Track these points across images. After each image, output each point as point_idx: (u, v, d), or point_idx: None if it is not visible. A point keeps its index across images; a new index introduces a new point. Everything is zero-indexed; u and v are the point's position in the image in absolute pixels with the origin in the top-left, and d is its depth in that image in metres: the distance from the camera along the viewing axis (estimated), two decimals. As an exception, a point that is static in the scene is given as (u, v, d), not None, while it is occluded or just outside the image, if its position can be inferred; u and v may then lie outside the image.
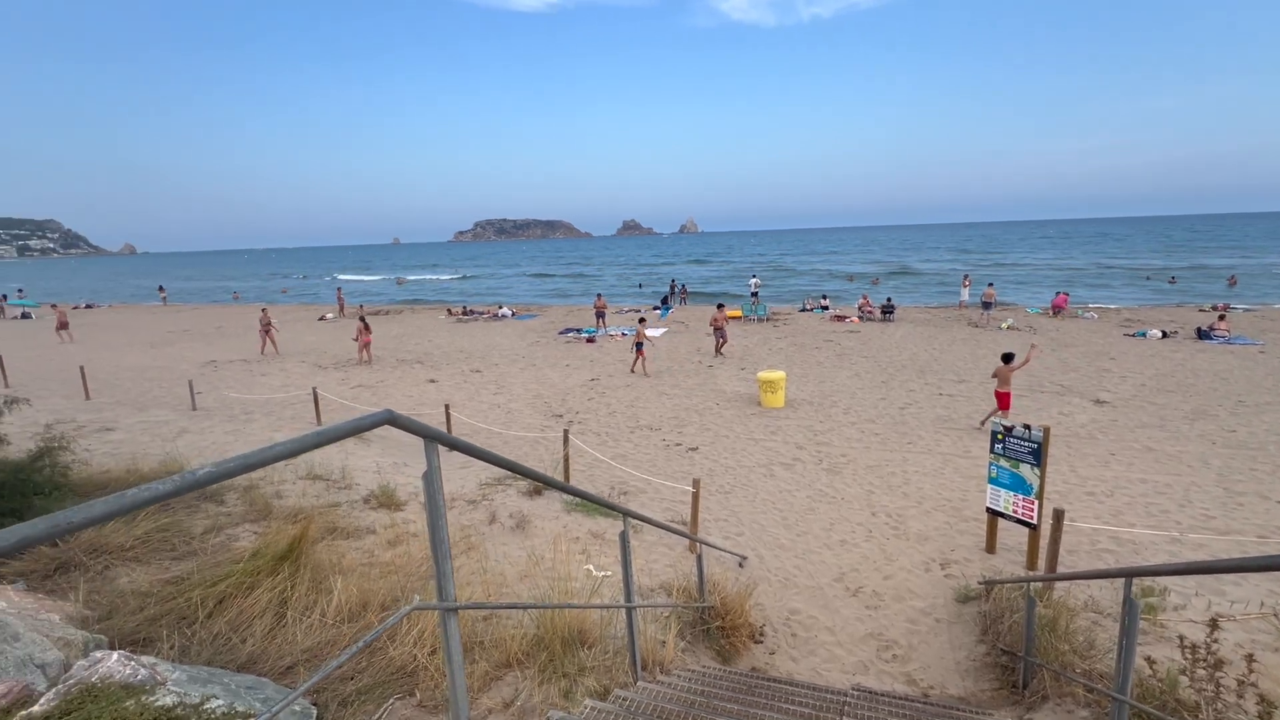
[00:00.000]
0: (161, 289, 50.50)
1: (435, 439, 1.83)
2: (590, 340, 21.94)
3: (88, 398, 14.75)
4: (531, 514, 6.79)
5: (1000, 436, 6.51)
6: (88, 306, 43.25)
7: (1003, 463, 6.51)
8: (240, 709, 2.38)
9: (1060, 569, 5.93)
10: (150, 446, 10.26)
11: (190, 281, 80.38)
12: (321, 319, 31.14)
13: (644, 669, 3.84)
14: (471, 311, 31.61)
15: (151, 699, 2.25)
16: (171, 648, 3.57)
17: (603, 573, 5.60)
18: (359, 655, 3.71)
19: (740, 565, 6.67)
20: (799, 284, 47.61)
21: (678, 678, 3.90)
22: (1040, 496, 6.19)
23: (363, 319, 20.02)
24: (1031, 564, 6.37)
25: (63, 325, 25.87)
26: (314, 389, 12.80)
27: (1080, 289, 36.13)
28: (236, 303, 46.95)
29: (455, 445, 1.94)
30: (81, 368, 16.32)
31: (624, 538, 3.46)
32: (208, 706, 2.26)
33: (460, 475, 8.83)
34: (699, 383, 15.22)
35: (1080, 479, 8.74)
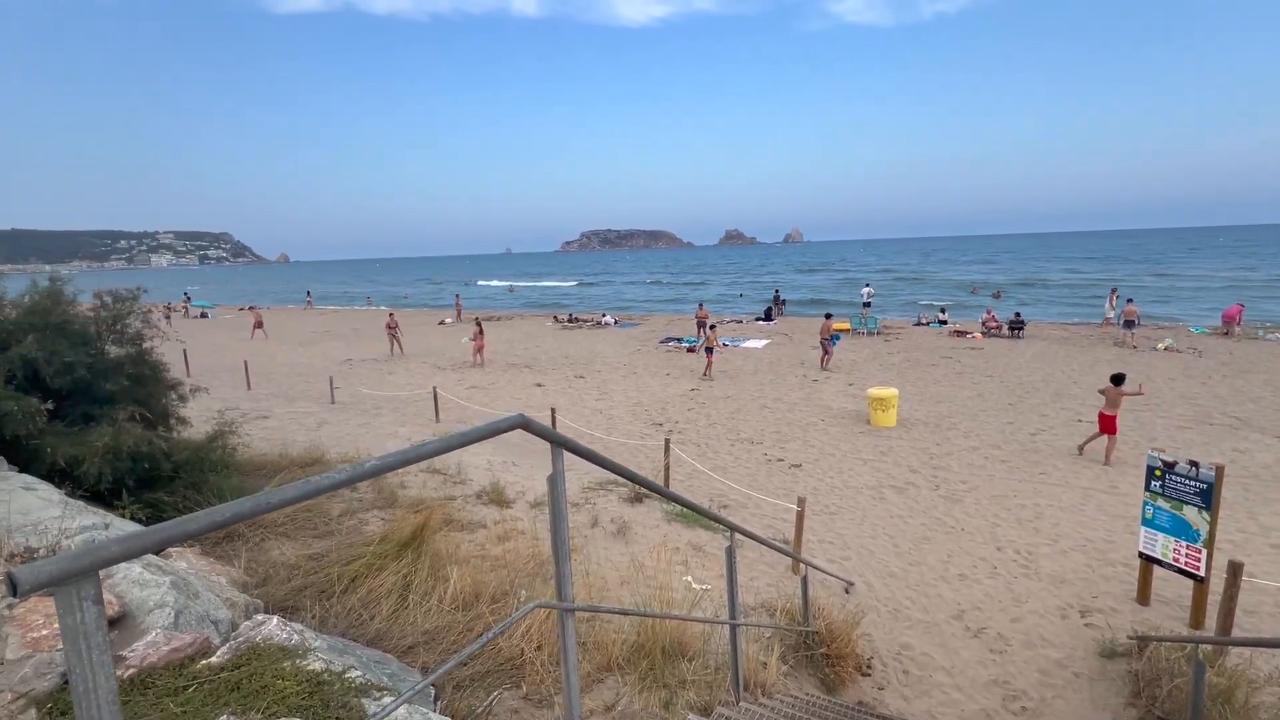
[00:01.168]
0: (308, 294, 56.72)
1: (562, 445, 1.90)
2: (691, 350, 21.93)
3: (249, 388, 16.82)
4: (632, 521, 6.86)
5: (1159, 473, 5.73)
6: (251, 308, 49.47)
7: (1161, 503, 5.72)
8: (373, 681, 2.59)
9: (1236, 632, 5.10)
10: (297, 434, 11.51)
11: (333, 286, 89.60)
12: (441, 323, 33.53)
13: (745, 689, 3.75)
14: (576, 319, 32.69)
15: (304, 663, 2.50)
16: (313, 617, 3.95)
17: (702, 586, 5.54)
18: (471, 644, 3.93)
19: (847, 591, 6.35)
20: (914, 295, 44.80)
21: (781, 703, 3.77)
22: (1210, 545, 5.38)
23: (478, 324, 21.33)
24: (1197, 622, 5.53)
25: (259, 324, 29.68)
26: (434, 388, 13.78)
27: (1267, 304, 31.07)
28: (369, 307, 51.70)
29: (580, 452, 2.00)
30: (245, 362, 18.67)
31: (730, 553, 3.41)
32: (349, 676, 2.47)
33: (564, 478, 9.13)
34: (803, 397, 14.73)
35: (1261, 528, 7.49)
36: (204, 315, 42.93)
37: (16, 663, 2.43)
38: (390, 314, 26.12)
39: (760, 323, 29.65)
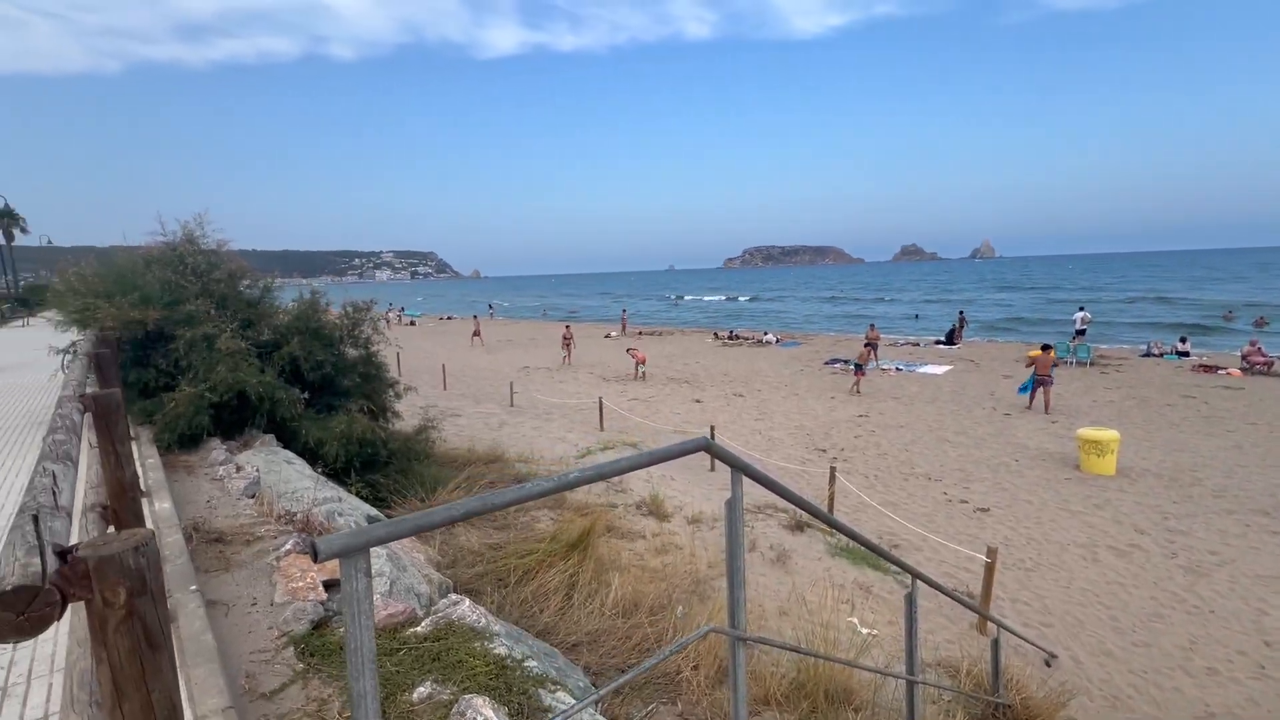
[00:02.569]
0: (491, 306, 63.28)
1: (742, 470, 1.88)
2: (859, 373, 20.61)
3: (445, 388, 19.12)
4: (792, 550, 6.58)
5: None
6: (448, 318, 56.46)
7: None
8: (548, 674, 2.76)
9: None
10: (482, 433, 12.82)
11: (515, 299, 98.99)
12: (607, 336, 35.34)
13: (921, 756, 3.37)
14: (736, 336, 32.48)
15: (490, 645, 2.75)
16: (492, 603, 4.32)
17: (869, 631, 5.13)
18: (630, 652, 4.02)
19: (1047, 664, 5.45)
20: (1143, 319, 37.70)
21: (964, 781, 3.33)
22: None
23: (631, 343, 22.17)
24: None
25: (477, 333, 33.24)
26: (600, 399, 14.52)
27: None
28: (545, 319, 56.26)
29: (760, 479, 1.95)
30: (443, 365, 21.28)
31: (911, 601, 3.10)
32: (527, 665, 2.66)
33: (722, 496, 9.06)
34: (992, 432, 13.07)
35: None
36: (412, 323, 49.86)
37: (280, 606, 2.98)
38: (566, 326, 28.12)
39: (940, 346, 27.02)
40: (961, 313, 31.36)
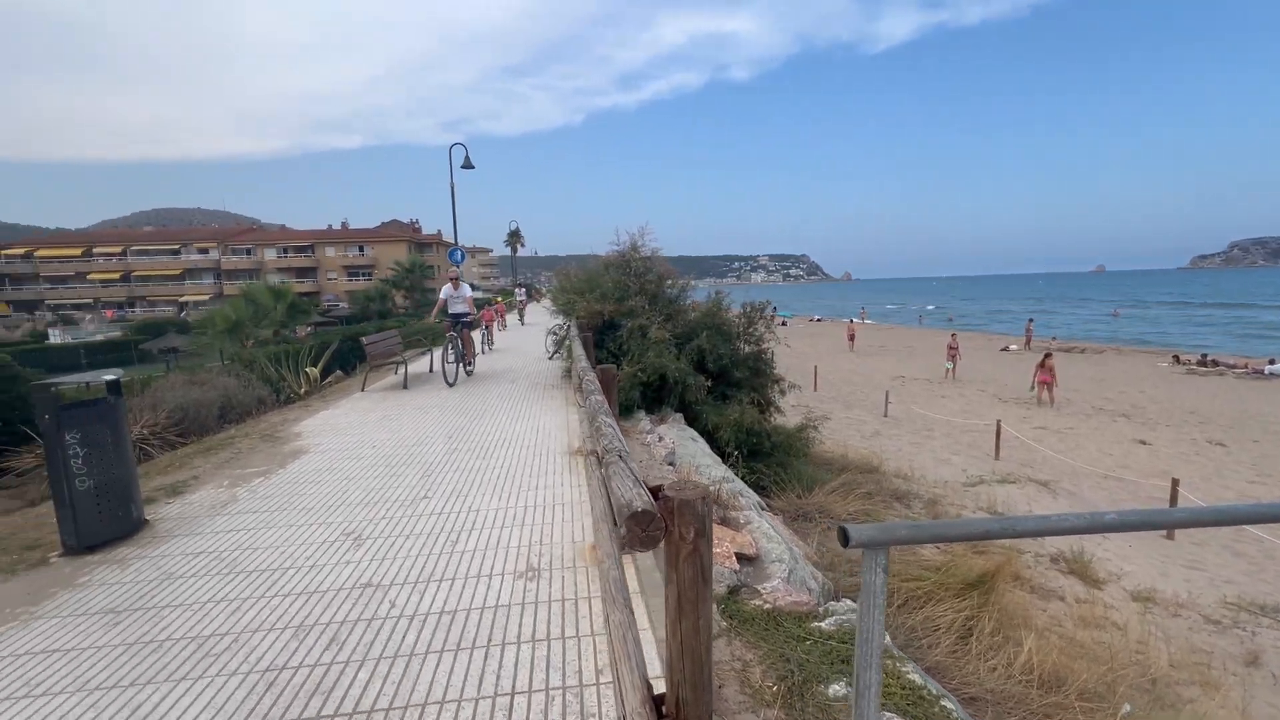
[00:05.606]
0: (863, 309, 60.78)
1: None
2: None
3: (815, 389, 19.26)
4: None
5: None
6: (817, 320, 56.75)
7: None
8: (961, 723, 2.46)
9: None
10: (854, 440, 12.46)
11: (890, 303, 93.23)
12: (1004, 350, 30.14)
13: None
14: (1214, 362, 23.61)
15: (902, 668, 2.60)
16: (874, 619, 4.10)
17: None
18: (1051, 732, 3.31)
19: None
20: None
21: None
22: None
23: (1047, 355, 18.07)
24: None
25: (851, 336, 33.19)
26: (998, 421, 12.44)
27: None
28: (920, 325, 51.33)
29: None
30: (815, 367, 21.47)
31: None
32: (944, 704, 2.42)
33: (1186, 574, 6.72)
34: None
35: None
36: (784, 323, 51.94)
37: (701, 564, 3.43)
38: (952, 335, 25.06)
39: None
40: None
